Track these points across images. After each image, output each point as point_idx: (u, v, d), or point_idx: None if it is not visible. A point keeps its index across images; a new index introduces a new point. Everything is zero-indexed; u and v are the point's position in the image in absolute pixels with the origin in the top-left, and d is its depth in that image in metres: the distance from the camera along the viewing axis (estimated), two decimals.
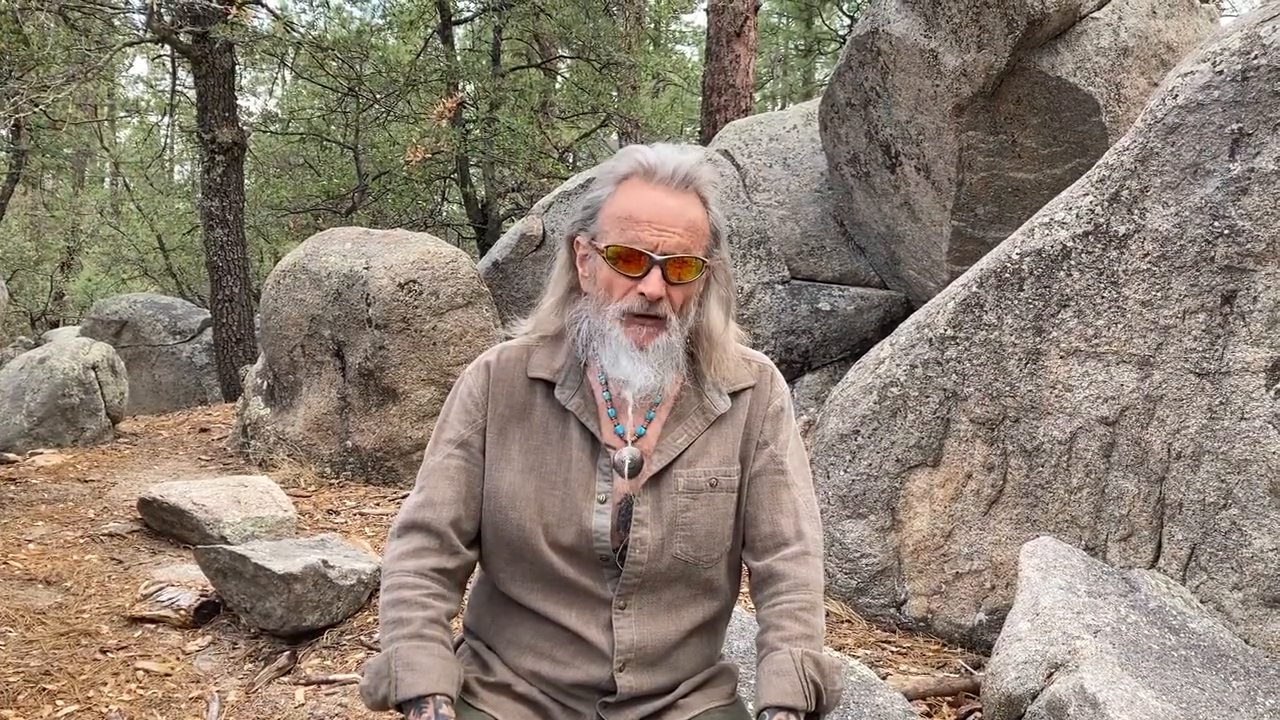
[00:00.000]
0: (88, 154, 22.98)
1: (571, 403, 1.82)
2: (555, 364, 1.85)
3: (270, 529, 4.78)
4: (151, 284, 19.91)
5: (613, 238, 1.74)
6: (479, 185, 14.83)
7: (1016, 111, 5.22)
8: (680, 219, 1.74)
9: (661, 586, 1.81)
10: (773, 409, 1.89)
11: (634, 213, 1.74)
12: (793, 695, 1.71)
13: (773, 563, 1.83)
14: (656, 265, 1.72)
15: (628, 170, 1.78)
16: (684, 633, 1.83)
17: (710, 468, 1.83)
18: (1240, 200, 3.16)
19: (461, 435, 1.85)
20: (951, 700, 3.32)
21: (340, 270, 6.10)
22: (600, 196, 1.80)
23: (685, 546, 1.80)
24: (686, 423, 1.84)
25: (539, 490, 1.79)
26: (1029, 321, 3.58)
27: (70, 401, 7.03)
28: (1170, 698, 2.51)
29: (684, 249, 1.73)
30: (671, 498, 1.80)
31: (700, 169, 1.78)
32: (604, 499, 1.78)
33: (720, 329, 1.85)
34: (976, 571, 3.68)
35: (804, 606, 1.80)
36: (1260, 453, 3.13)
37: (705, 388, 1.86)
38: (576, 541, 1.77)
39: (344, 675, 3.45)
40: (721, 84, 11.23)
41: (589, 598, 1.80)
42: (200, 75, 10.45)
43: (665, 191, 1.75)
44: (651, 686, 1.81)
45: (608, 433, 1.82)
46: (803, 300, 6.83)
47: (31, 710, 3.16)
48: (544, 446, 1.82)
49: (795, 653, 1.74)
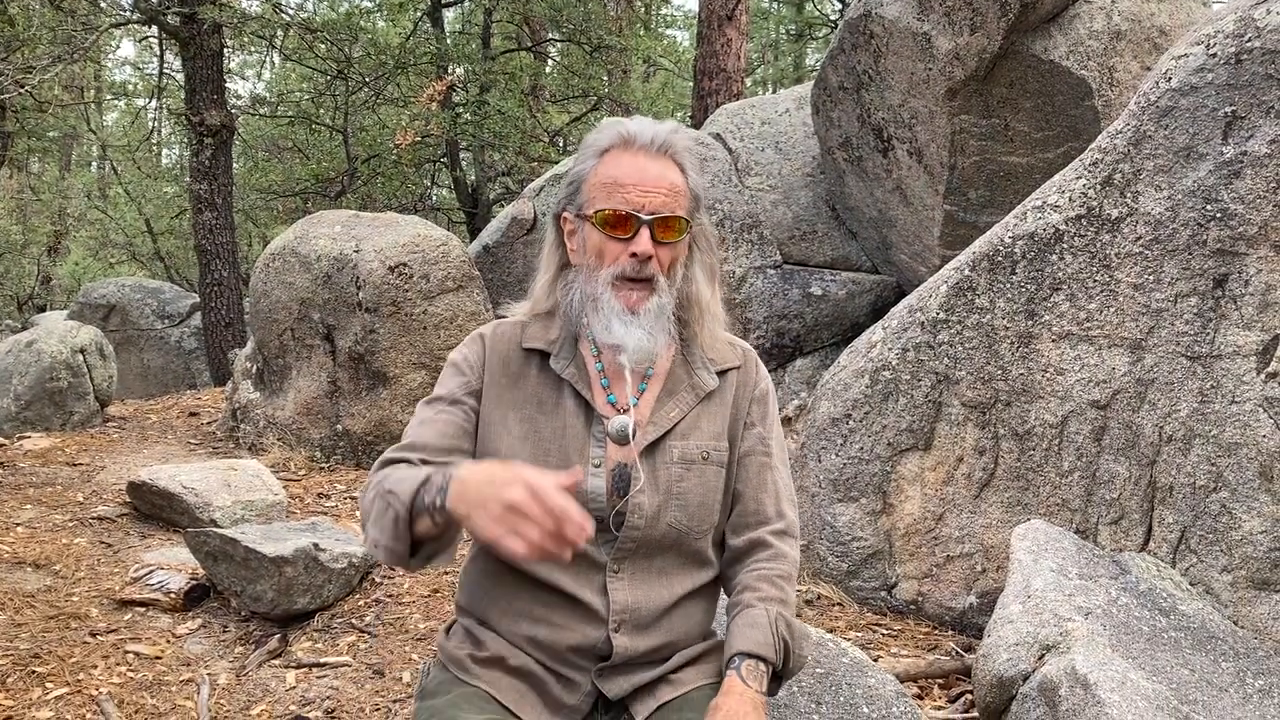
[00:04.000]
0: (74, 137, 22.82)
1: (566, 372, 1.88)
2: (550, 335, 1.91)
3: (260, 513, 4.77)
4: (140, 268, 19.82)
5: (600, 203, 1.82)
6: (469, 169, 14.78)
7: (1009, 95, 5.21)
8: (663, 180, 1.82)
9: (654, 553, 1.86)
10: (759, 391, 1.97)
11: (618, 178, 1.82)
12: (764, 646, 1.78)
13: (754, 536, 1.92)
14: (645, 224, 1.80)
15: (609, 142, 1.86)
16: (676, 597, 1.87)
17: (702, 442, 1.89)
18: (1233, 184, 3.16)
19: (453, 394, 1.90)
20: (943, 682, 3.33)
21: (330, 253, 6.06)
22: (584, 170, 1.87)
23: (679, 515, 1.86)
24: (678, 397, 1.90)
25: (534, 456, 1.83)
26: (1021, 305, 3.58)
27: (58, 385, 6.99)
28: (1160, 679, 2.52)
29: (669, 208, 1.82)
30: (666, 467, 1.86)
31: (677, 136, 1.86)
32: (598, 464, 1.83)
33: (708, 295, 1.93)
34: (967, 555, 3.69)
35: (781, 575, 1.89)
36: (1250, 436, 3.14)
37: (695, 365, 1.93)
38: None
39: (335, 658, 3.45)
40: (713, 68, 11.19)
41: (584, 561, 1.83)
42: (188, 57, 10.37)
43: (646, 156, 1.83)
44: (646, 648, 1.84)
45: (600, 401, 1.87)
46: (794, 285, 6.83)
47: (21, 693, 3.15)
48: (538, 415, 1.87)
49: (770, 610, 1.83)
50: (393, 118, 14.31)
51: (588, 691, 1.83)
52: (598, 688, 1.83)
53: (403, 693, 3.21)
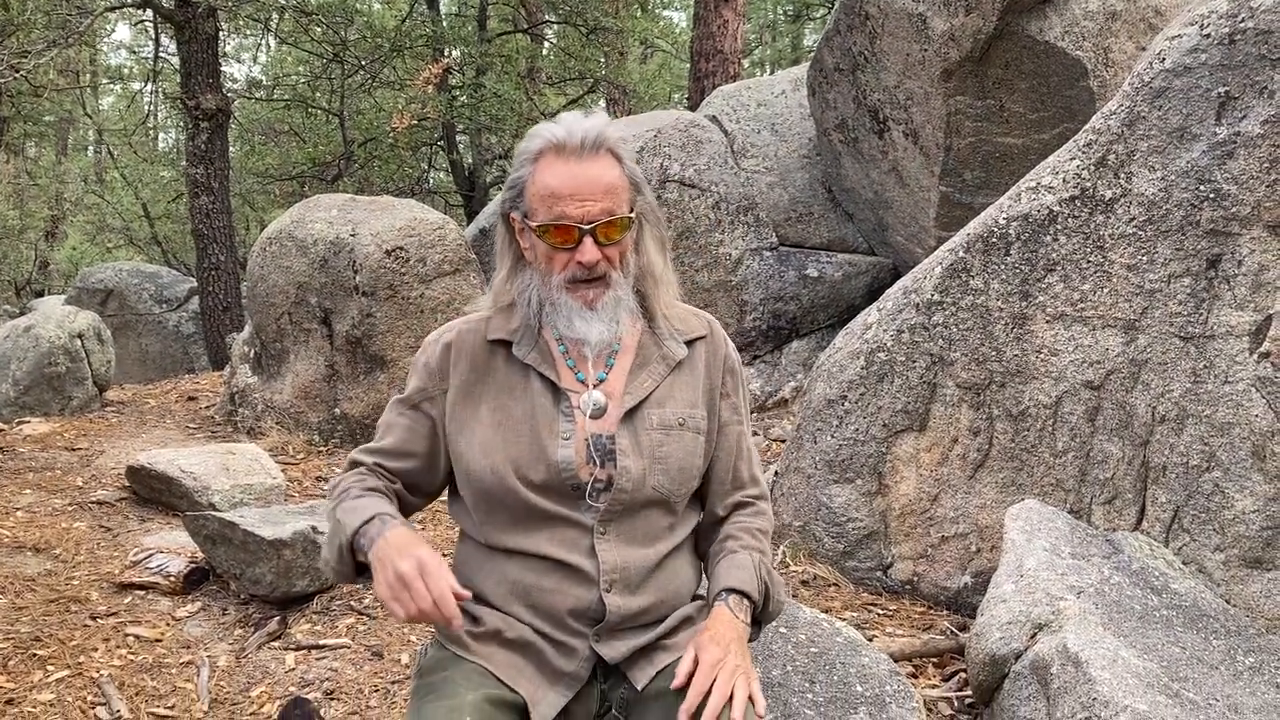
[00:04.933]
0: (71, 121, 22.77)
1: (529, 357, 1.94)
2: (511, 325, 1.97)
3: (259, 496, 4.79)
4: (137, 253, 19.80)
5: (541, 216, 1.86)
6: (466, 152, 14.75)
7: (1004, 76, 5.21)
8: (598, 185, 1.85)
9: (638, 515, 1.91)
10: (729, 363, 2.06)
11: (555, 189, 1.85)
12: (748, 584, 1.90)
13: (736, 499, 2.05)
14: (586, 234, 1.84)
15: (540, 147, 1.89)
16: (661, 555, 1.93)
17: (678, 410, 1.96)
18: (1226, 164, 3.17)
19: (413, 399, 2.00)
20: (937, 661, 3.36)
21: (326, 237, 6.06)
22: (522, 176, 1.92)
23: (662, 479, 1.91)
24: (650, 368, 1.97)
25: (505, 439, 1.90)
26: (1015, 286, 3.59)
27: (56, 370, 6.99)
28: (1152, 656, 2.54)
29: (608, 212, 1.85)
30: (647, 433, 1.92)
31: (606, 130, 1.89)
32: (568, 436, 1.89)
33: (660, 265, 2.00)
34: (962, 535, 3.71)
35: (760, 529, 2.02)
36: (1243, 415, 3.16)
37: (662, 336, 2.00)
38: (547, 476, 1.87)
39: (334, 640, 3.47)
40: (709, 49, 11.16)
41: (569, 527, 1.88)
42: (183, 41, 10.33)
43: (578, 161, 1.86)
44: (638, 608, 1.88)
45: (567, 379, 1.94)
46: (790, 267, 6.83)
47: (22, 676, 3.17)
48: (509, 402, 1.93)
49: (754, 555, 1.95)
50: (389, 101, 14.26)
51: (586, 657, 1.86)
52: (596, 653, 1.86)
53: (401, 673, 3.24)
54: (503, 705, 1.76)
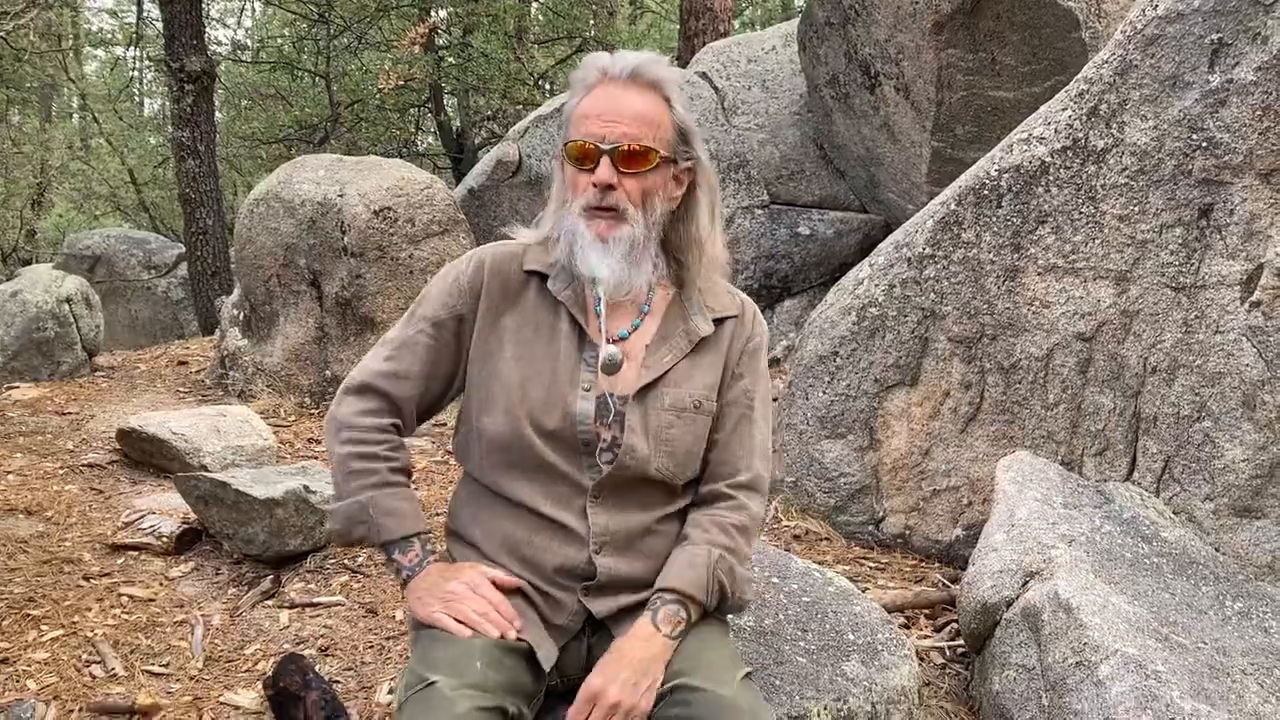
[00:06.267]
0: (54, 88, 22.50)
1: (563, 294, 1.89)
2: (549, 259, 1.91)
3: (251, 457, 4.78)
4: (124, 219, 19.65)
5: (570, 135, 1.84)
6: (454, 115, 14.63)
7: (996, 28, 5.16)
8: (626, 110, 1.81)
9: (637, 487, 1.88)
10: (752, 345, 1.98)
11: (587, 110, 1.83)
12: (694, 587, 1.81)
13: (720, 487, 1.94)
14: (604, 154, 1.79)
15: (587, 76, 1.87)
16: (653, 519, 1.90)
17: (695, 391, 1.90)
18: (1219, 112, 3.15)
19: (438, 315, 1.93)
20: (929, 612, 3.38)
21: (314, 198, 6.02)
22: (570, 106, 1.89)
23: (666, 462, 1.87)
24: (671, 343, 1.90)
25: (525, 377, 1.85)
26: (1007, 239, 3.57)
27: (45, 335, 6.95)
28: (1142, 603, 2.55)
29: (631, 138, 1.80)
30: (657, 413, 1.87)
31: (653, 66, 1.85)
32: (588, 387, 1.85)
33: (708, 234, 1.92)
34: (954, 488, 3.72)
35: (735, 525, 1.90)
36: (1234, 365, 3.16)
37: (692, 309, 1.93)
38: (560, 425, 1.83)
39: (328, 598, 3.48)
40: (699, 7, 11.05)
41: (566, 484, 1.86)
42: (166, 2, 10.19)
43: (617, 86, 1.83)
44: (629, 571, 1.86)
45: (594, 328, 1.88)
46: (782, 225, 6.81)
47: (16, 635, 3.17)
48: (534, 338, 1.88)
49: (714, 552, 1.85)
50: (375, 62, 14.12)
51: (575, 611, 1.86)
52: (585, 608, 1.86)
53: (396, 630, 3.24)
54: (509, 650, 1.76)
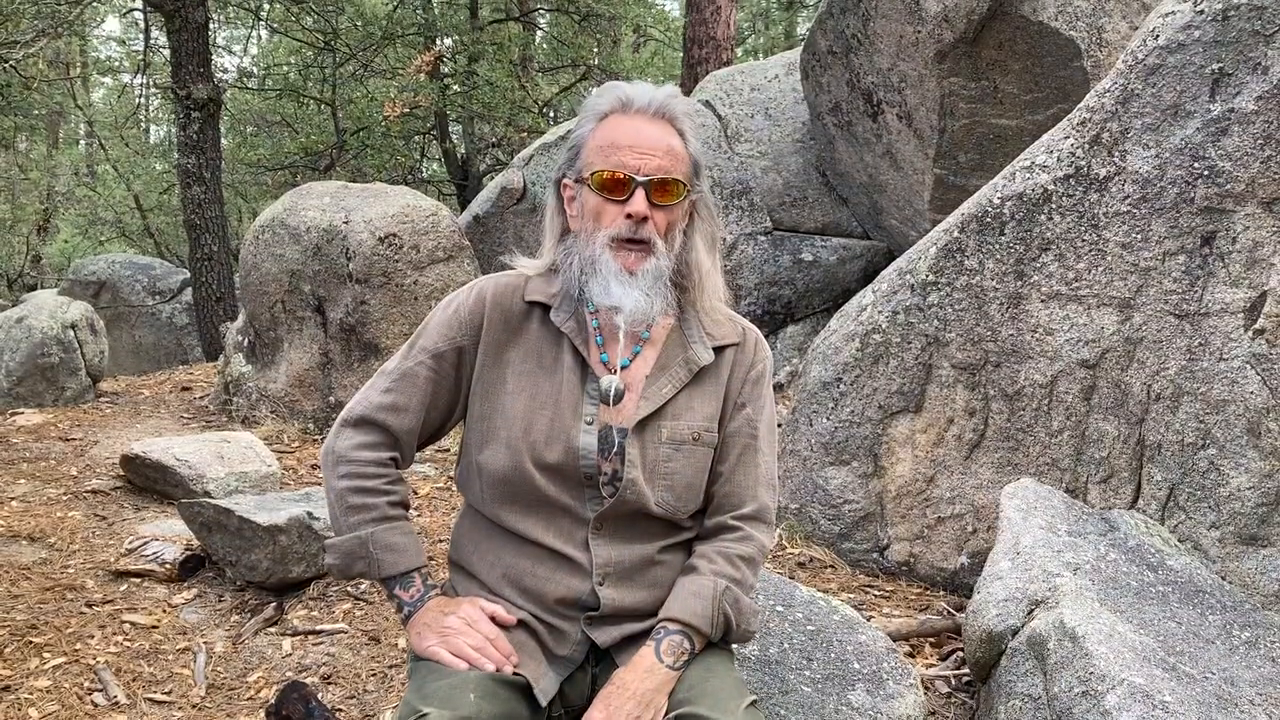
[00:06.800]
0: (61, 115, 22.64)
1: (566, 325, 1.88)
2: (551, 290, 1.91)
3: (254, 484, 4.77)
4: (129, 245, 19.72)
5: (597, 165, 1.83)
6: (459, 142, 14.71)
7: (998, 57, 5.19)
8: (660, 144, 1.83)
9: (639, 519, 1.87)
10: (754, 373, 1.96)
11: (616, 140, 1.82)
12: (699, 618, 1.80)
13: (726, 519, 1.92)
14: (640, 186, 1.80)
15: (608, 106, 1.87)
16: (657, 549, 1.89)
17: (694, 423, 1.89)
18: (1220, 141, 3.16)
19: (438, 347, 1.92)
20: (934, 641, 3.36)
21: (319, 225, 6.04)
22: (583, 134, 1.88)
23: (666, 495, 1.87)
24: (670, 373, 1.89)
25: (528, 410, 1.85)
26: (1010, 266, 3.58)
27: (49, 361, 6.97)
28: (1148, 631, 2.54)
29: (666, 170, 1.82)
30: (655, 447, 1.86)
31: (676, 101, 1.88)
32: (590, 420, 1.84)
33: (707, 264, 1.93)
34: (958, 515, 3.71)
35: (742, 555, 1.89)
36: (1238, 393, 3.16)
37: (691, 337, 1.92)
38: (563, 459, 1.83)
39: (331, 626, 3.46)
40: (702, 36, 11.13)
41: (568, 517, 1.85)
42: (173, 30, 10.27)
43: (644, 119, 1.85)
44: (634, 603, 1.85)
45: (595, 359, 1.88)
46: (785, 251, 6.82)
47: (19, 663, 3.16)
48: (537, 370, 1.88)
49: (719, 583, 1.84)
50: (381, 90, 14.22)
51: (578, 641, 1.85)
52: (589, 637, 1.85)
53: (398, 658, 3.23)
54: (504, 683, 1.75)
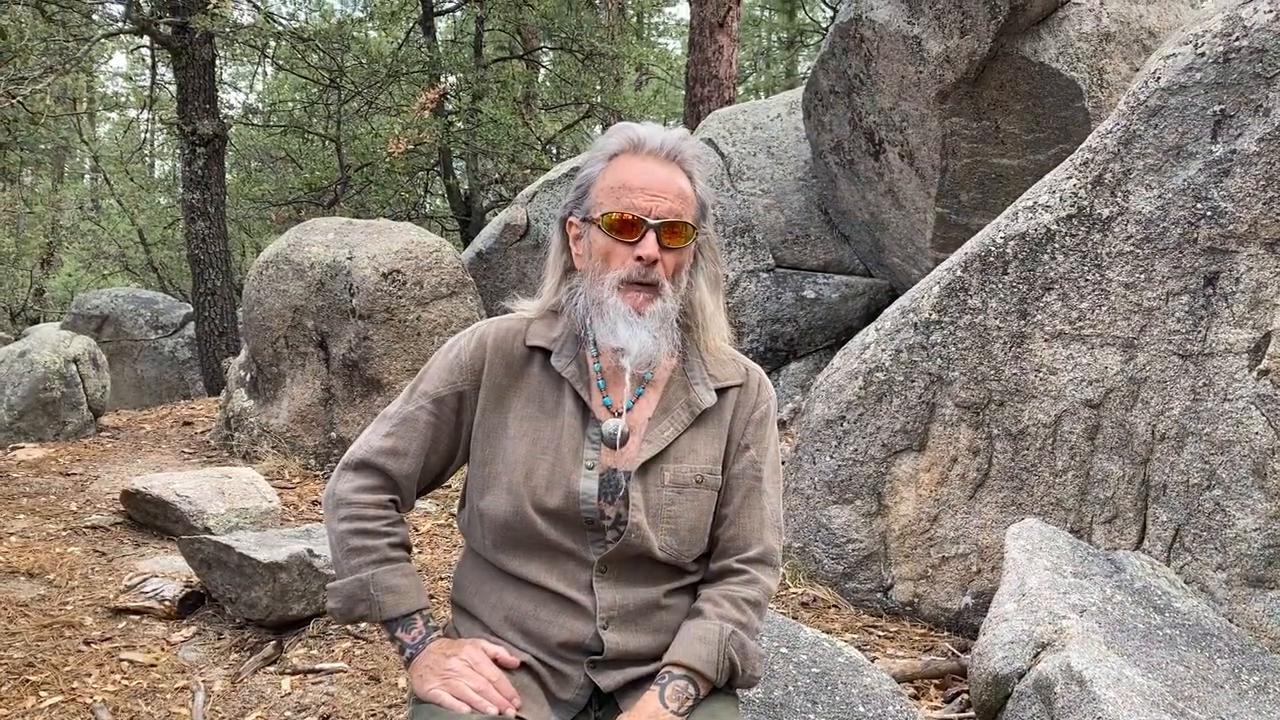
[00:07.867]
0: (67, 149, 22.77)
1: (567, 370, 1.87)
2: (553, 334, 1.90)
3: (255, 520, 4.76)
4: (133, 279, 19.78)
5: (607, 206, 1.82)
6: (462, 178, 14.78)
7: (1000, 98, 5.23)
8: (670, 186, 1.82)
9: (644, 562, 1.85)
10: (758, 414, 1.94)
11: (627, 181, 1.82)
12: (704, 662, 1.78)
13: (731, 563, 1.89)
14: (651, 229, 1.79)
15: (618, 147, 1.87)
16: (663, 593, 1.87)
17: (696, 465, 1.87)
18: (1222, 182, 3.17)
19: (439, 392, 1.91)
20: (939, 683, 3.33)
21: (323, 260, 6.06)
22: (592, 174, 1.88)
23: (670, 539, 1.84)
24: (673, 415, 1.88)
25: (529, 455, 1.83)
26: (1013, 305, 3.58)
27: (51, 395, 6.97)
28: (1156, 675, 2.52)
29: (676, 213, 1.81)
30: (658, 490, 1.84)
31: (686, 144, 1.87)
32: (591, 465, 1.83)
33: (711, 305, 1.92)
34: (962, 555, 3.69)
35: (747, 599, 1.86)
36: (1243, 433, 3.15)
37: (694, 379, 1.91)
38: (563, 504, 1.81)
39: (330, 665, 3.44)
40: (705, 75, 11.21)
41: (572, 561, 1.83)
42: (180, 67, 10.36)
43: (655, 161, 1.84)
44: (638, 647, 1.83)
45: (596, 403, 1.86)
46: (787, 288, 6.84)
47: (15, 702, 3.13)
48: (538, 415, 1.86)
49: (725, 627, 1.81)
50: (385, 126, 14.29)
51: (581, 685, 1.83)
52: (592, 681, 1.83)
53: (398, 698, 3.20)
54: None
